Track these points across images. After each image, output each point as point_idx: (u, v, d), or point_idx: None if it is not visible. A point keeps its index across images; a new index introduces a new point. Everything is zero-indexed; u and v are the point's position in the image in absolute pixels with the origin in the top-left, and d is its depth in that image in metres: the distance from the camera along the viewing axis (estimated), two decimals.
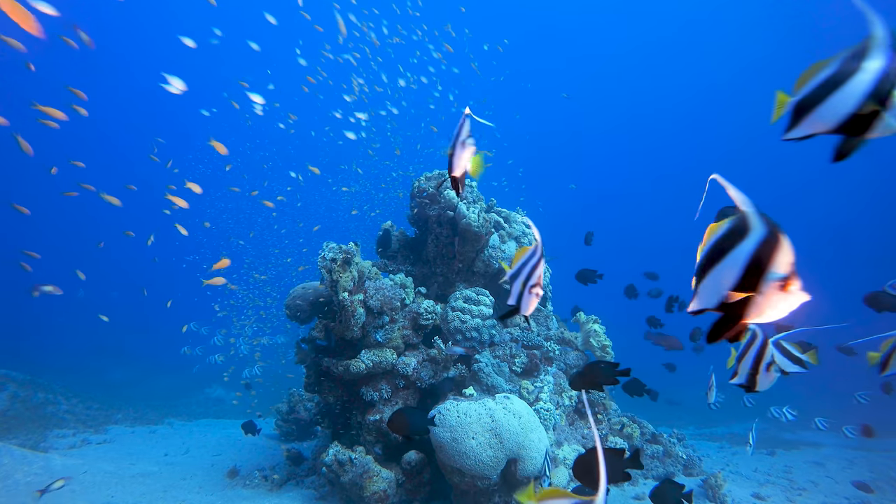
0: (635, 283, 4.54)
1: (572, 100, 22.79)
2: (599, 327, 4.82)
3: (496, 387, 3.96)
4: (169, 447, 5.96)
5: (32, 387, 7.23)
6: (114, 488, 4.16)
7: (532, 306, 1.39)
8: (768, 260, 0.84)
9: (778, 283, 0.82)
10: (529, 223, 5.12)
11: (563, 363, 4.69)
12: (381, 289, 3.89)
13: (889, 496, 4.65)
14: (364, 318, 3.78)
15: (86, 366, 10.52)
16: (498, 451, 3.21)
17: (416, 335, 4.07)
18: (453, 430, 3.26)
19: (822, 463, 5.86)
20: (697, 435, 8.03)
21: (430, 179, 4.72)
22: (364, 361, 3.77)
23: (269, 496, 4.08)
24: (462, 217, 4.21)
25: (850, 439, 5.01)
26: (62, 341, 12.08)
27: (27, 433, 5.89)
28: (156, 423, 7.36)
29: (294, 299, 4.18)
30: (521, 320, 4.30)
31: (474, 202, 4.49)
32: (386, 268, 4.77)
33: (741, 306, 0.87)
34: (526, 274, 1.39)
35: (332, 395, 4.03)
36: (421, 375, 3.85)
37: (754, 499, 4.41)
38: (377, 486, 3.44)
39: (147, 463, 5.10)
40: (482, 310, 4.13)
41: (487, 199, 5.09)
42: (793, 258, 0.83)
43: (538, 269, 1.40)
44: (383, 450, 3.81)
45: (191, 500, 4.01)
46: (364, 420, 3.84)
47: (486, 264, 4.57)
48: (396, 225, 5.11)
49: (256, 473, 4.58)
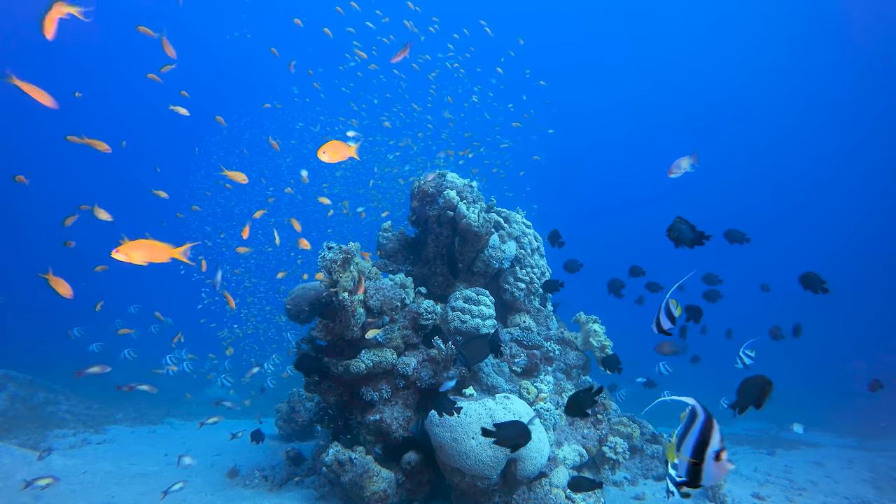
0: (627, 282, 4.45)
1: (573, 102, 22.83)
2: (599, 327, 4.82)
3: (496, 387, 3.96)
4: (169, 447, 5.96)
5: (32, 387, 7.23)
6: (114, 488, 4.16)
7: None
8: (708, 438, 1.26)
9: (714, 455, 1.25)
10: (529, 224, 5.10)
11: (563, 363, 4.69)
12: (381, 289, 3.90)
13: (889, 496, 4.65)
14: (364, 317, 3.78)
15: (85, 366, 10.50)
16: (498, 451, 3.21)
17: (416, 335, 4.07)
18: (453, 430, 3.26)
19: (822, 463, 5.86)
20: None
21: (430, 179, 4.72)
22: (364, 361, 3.77)
23: (269, 496, 4.09)
24: (462, 217, 4.21)
25: (848, 438, 5.03)
26: (62, 341, 12.06)
27: (27, 433, 5.89)
28: (156, 423, 7.36)
29: (294, 299, 4.18)
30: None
31: (474, 202, 4.49)
32: (386, 268, 4.77)
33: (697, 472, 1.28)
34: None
35: (332, 395, 4.03)
36: (421, 375, 3.85)
37: (754, 499, 4.42)
38: (377, 486, 3.44)
39: (147, 463, 5.10)
40: (482, 310, 4.13)
41: (487, 199, 5.09)
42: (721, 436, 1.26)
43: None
44: (383, 450, 3.81)
45: (191, 500, 4.01)
46: (364, 420, 3.84)
47: (486, 264, 4.57)
48: (396, 225, 5.12)
49: (256, 473, 4.58)
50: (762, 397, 1.94)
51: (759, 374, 1.96)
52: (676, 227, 2.64)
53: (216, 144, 11.80)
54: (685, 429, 1.35)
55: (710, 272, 4.64)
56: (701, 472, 1.29)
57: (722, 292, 4.47)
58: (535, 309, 4.92)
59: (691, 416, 1.35)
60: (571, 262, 4.29)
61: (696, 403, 1.32)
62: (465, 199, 4.37)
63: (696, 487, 1.37)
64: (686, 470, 1.31)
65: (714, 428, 1.27)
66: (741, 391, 1.98)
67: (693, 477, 1.31)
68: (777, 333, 4.54)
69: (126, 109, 23.85)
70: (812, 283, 3.45)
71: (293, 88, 10.13)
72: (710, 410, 1.31)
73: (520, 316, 4.75)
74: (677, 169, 2.78)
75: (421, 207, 4.65)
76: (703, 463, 1.28)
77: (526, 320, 4.71)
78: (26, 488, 3.58)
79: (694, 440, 1.30)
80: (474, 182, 4.69)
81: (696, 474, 1.30)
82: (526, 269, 4.85)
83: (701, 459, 1.28)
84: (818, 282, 3.42)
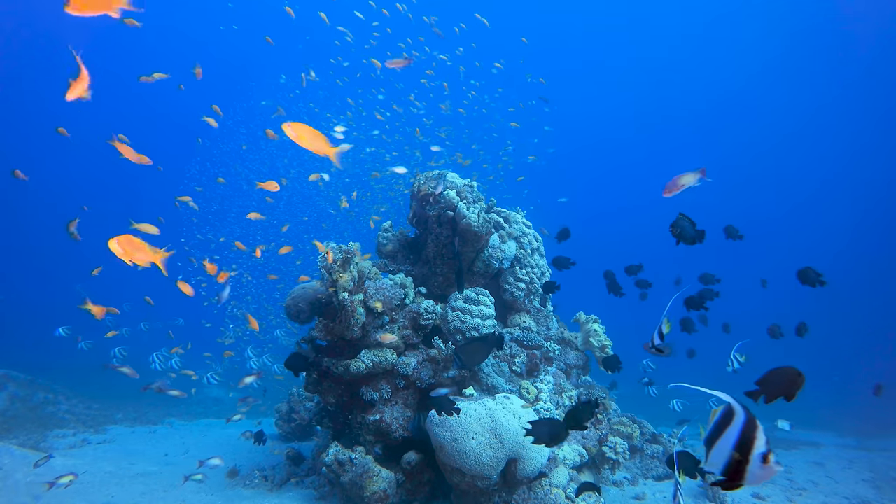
0: (623, 280, 4.44)
1: (573, 103, 22.79)
2: (599, 327, 4.82)
3: (496, 387, 3.96)
4: (169, 447, 5.96)
5: (32, 387, 7.23)
6: (114, 488, 4.16)
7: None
8: (752, 439, 1.19)
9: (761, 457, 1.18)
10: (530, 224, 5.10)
11: (563, 363, 4.69)
12: (381, 289, 3.89)
13: (889, 496, 4.65)
14: (364, 317, 3.78)
15: (86, 366, 10.51)
16: (498, 451, 3.21)
17: (416, 335, 4.07)
18: (453, 430, 3.26)
19: (822, 463, 5.86)
20: (697, 435, 8.03)
21: (430, 179, 4.72)
22: (364, 361, 3.77)
23: (269, 496, 4.09)
24: (462, 217, 4.21)
25: (848, 438, 5.03)
26: (62, 341, 12.06)
27: (27, 433, 5.89)
28: (156, 423, 7.37)
29: (294, 299, 4.18)
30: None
31: (474, 202, 4.49)
32: (386, 268, 4.77)
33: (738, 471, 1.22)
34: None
35: (332, 395, 4.03)
36: (421, 375, 3.85)
37: (754, 498, 4.42)
38: (377, 486, 3.44)
39: (147, 463, 5.10)
40: (482, 310, 4.13)
41: (488, 199, 5.09)
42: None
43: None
44: (383, 450, 3.81)
45: (191, 500, 4.01)
46: (364, 420, 3.84)
47: (486, 264, 4.57)
48: (396, 225, 5.11)
49: (256, 473, 4.58)
50: (793, 389, 1.82)
51: (789, 365, 1.85)
52: (679, 224, 2.67)
53: (212, 139, 11.78)
54: (718, 427, 1.27)
55: (707, 272, 4.64)
56: (745, 472, 1.22)
57: (725, 291, 4.47)
58: (535, 309, 4.92)
59: (726, 414, 1.27)
60: (562, 259, 4.29)
61: (733, 400, 1.26)
62: (465, 199, 4.36)
63: (734, 489, 1.28)
64: (725, 468, 1.24)
65: (758, 428, 1.21)
66: (767, 381, 1.87)
67: (734, 477, 1.23)
68: (776, 332, 4.53)
69: (123, 106, 23.79)
70: (809, 278, 3.54)
71: (281, 77, 10.05)
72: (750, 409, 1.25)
73: (520, 316, 4.75)
74: (675, 187, 2.52)
75: (421, 207, 4.65)
76: (748, 464, 1.21)
77: (526, 320, 4.71)
78: (51, 489, 3.59)
79: (734, 440, 1.23)
80: (474, 182, 4.69)
81: (737, 474, 1.22)
82: (526, 269, 4.85)
83: (746, 459, 1.21)
84: (815, 276, 3.51)
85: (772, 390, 1.87)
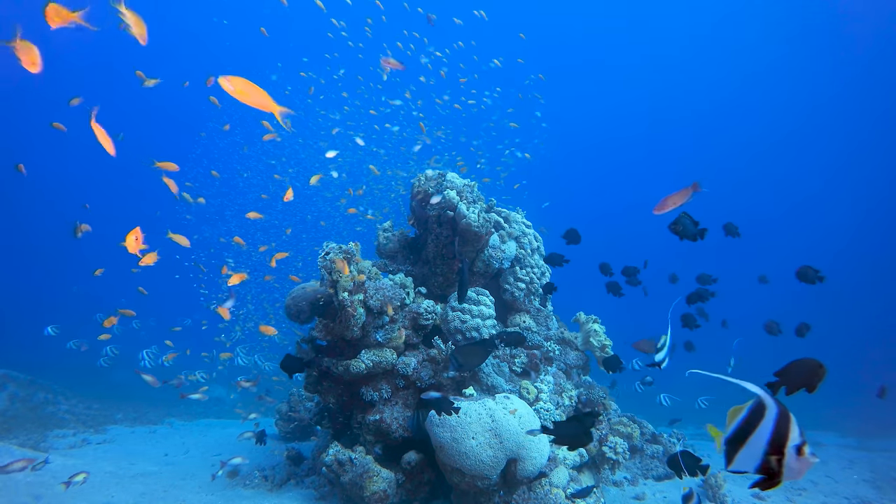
0: (619, 277, 4.42)
1: (574, 103, 22.74)
2: (599, 327, 4.82)
3: (496, 387, 3.96)
4: (169, 447, 5.96)
5: (32, 387, 7.23)
6: (114, 488, 4.16)
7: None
8: (786, 432, 1.14)
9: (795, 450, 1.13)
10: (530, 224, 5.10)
11: (563, 363, 4.69)
12: (381, 289, 3.89)
13: (889, 496, 4.65)
14: (364, 317, 3.77)
15: (86, 366, 10.53)
16: (498, 451, 3.21)
17: (416, 335, 4.07)
18: (453, 430, 3.26)
19: (823, 462, 5.86)
20: (697, 435, 8.02)
21: (430, 179, 4.71)
22: (364, 361, 3.76)
23: (269, 496, 4.08)
24: (462, 217, 4.20)
25: (849, 438, 5.03)
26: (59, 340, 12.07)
27: (27, 433, 5.89)
28: (156, 423, 7.37)
29: (294, 299, 4.17)
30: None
31: (474, 202, 4.48)
32: (386, 268, 4.76)
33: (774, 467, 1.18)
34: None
35: (332, 395, 4.03)
36: (421, 375, 3.85)
37: (754, 498, 4.41)
38: (377, 486, 3.44)
39: (147, 463, 5.10)
40: (482, 310, 4.13)
41: (487, 199, 5.09)
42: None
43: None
44: (383, 450, 3.81)
45: (191, 500, 4.01)
46: (364, 420, 3.84)
47: (486, 264, 4.56)
48: (396, 225, 5.11)
49: (256, 473, 4.58)
50: (814, 380, 1.78)
51: (809, 357, 1.82)
52: (681, 222, 2.70)
53: (209, 137, 11.76)
54: (748, 423, 1.21)
55: (705, 272, 4.64)
56: (782, 468, 1.17)
57: (727, 291, 4.48)
58: (535, 309, 4.92)
59: (755, 410, 1.21)
60: (555, 256, 4.29)
61: (763, 393, 1.21)
62: (465, 199, 4.36)
63: (772, 487, 1.23)
64: (761, 466, 1.19)
65: (791, 420, 1.16)
66: (788, 372, 1.83)
67: (770, 474, 1.19)
68: (773, 328, 4.50)
69: (120, 103, 23.76)
70: (807, 276, 3.62)
71: (272, 77, 10.00)
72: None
73: (520, 316, 4.75)
74: (665, 206, 2.48)
75: (421, 207, 4.64)
76: (784, 458, 1.16)
77: (526, 320, 4.71)
78: (67, 488, 3.65)
79: (769, 435, 1.17)
80: (474, 182, 4.68)
81: (773, 471, 1.18)
82: (526, 269, 4.84)
83: (781, 454, 1.16)
84: (813, 273, 3.59)
85: (793, 382, 1.82)
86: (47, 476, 4.09)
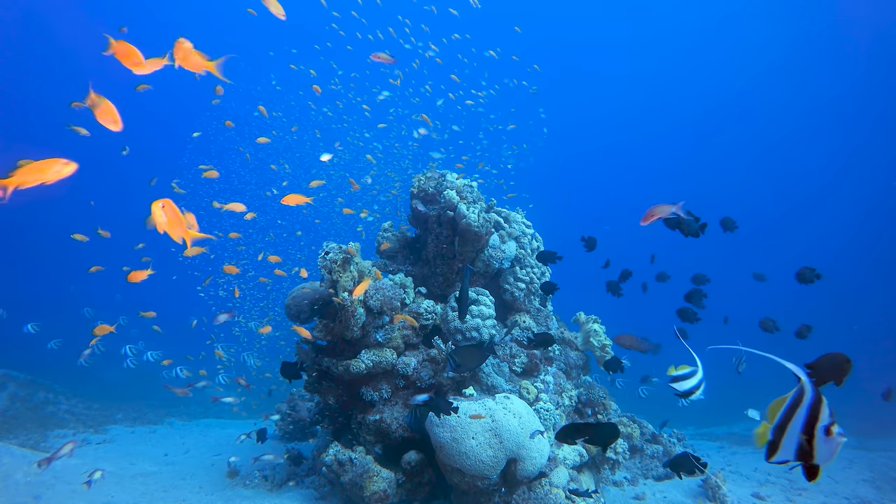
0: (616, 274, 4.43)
1: (573, 104, 22.73)
2: (599, 327, 4.82)
3: (496, 387, 3.96)
4: (169, 447, 5.96)
5: (32, 387, 7.23)
6: (114, 488, 4.16)
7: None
8: (817, 414, 1.17)
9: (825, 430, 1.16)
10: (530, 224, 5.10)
11: (563, 363, 4.69)
12: (381, 289, 3.89)
13: (889, 496, 4.65)
14: (364, 317, 3.77)
15: (85, 365, 10.52)
16: (498, 451, 3.21)
17: (416, 335, 4.07)
18: (453, 430, 3.26)
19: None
20: (697, 435, 8.03)
21: (430, 179, 4.71)
22: (364, 361, 3.76)
23: (269, 496, 4.08)
24: (462, 217, 4.20)
25: (849, 438, 5.02)
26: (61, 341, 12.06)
27: (27, 433, 5.89)
28: (156, 423, 7.37)
29: (294, 299, 4.17)
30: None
31: (474, 202, 4.48)
32: (386, 268, 4.76)
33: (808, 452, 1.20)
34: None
35: (332, 395, 4.03)
36: (421, 375, 3.85)
37: (754, 498, 4.41)
38: (377, 486, 3.44)
39: (147, 463, 5.10)
40: (482, 310, 4.13)
41: (487, 199, 5.09)
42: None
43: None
44: (383, 450, 3.81)
45: (191, 499, 4.01)
46: (364, 420, 3.84)
47: (486, 264, 4.56)
48: (396, 225, 5.11)
49: (256, 473, 4.58)
50: (841, 374, 1.81)
51: (837, 351, 1.86)
52: (682, 220, 2.75)
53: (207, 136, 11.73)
54: (791, 410, 1.22)
55: (700, 272, 4.64)
56: (813, 451, 1.17)
57: (727, 290, 4.47)
58: (535, 309, 4.92)
59: (797, 397, 1.23)
60: (548, 254, 4.29)
61: (805, 376, 1.23)
62: (465, 199, 4.36)
63: (814, 472, 1.23)
64: (798, 452, 1.20)
65: (823, 402, 1.17)
66: (819, 366, 1.85)
67: (806, 459, 1.19)
68: (769, 326, 4.47)
69: (120, 102, 23.74)
70: (806, 277, 3.66)
71: (270, 76, 9.96)
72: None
73: (520, 316, 4.75)
74: (651, 216, 2.57)
75: (420, 207, 4.64)
76: (814, 440, 1.17)
77: (526, 320, 4.70)
78: (89, 488, 3.75)
79: (803, 419, 1.18)
80: (474, 182, 4.68)
81: (808, 455, 1.18)
82: (526, 269, 4.84)
83: (811, 435, 1.17)
84: (811, 273, 3.63)
85: (822, 375, 1.85)
86: (47, 476, 4.10)
